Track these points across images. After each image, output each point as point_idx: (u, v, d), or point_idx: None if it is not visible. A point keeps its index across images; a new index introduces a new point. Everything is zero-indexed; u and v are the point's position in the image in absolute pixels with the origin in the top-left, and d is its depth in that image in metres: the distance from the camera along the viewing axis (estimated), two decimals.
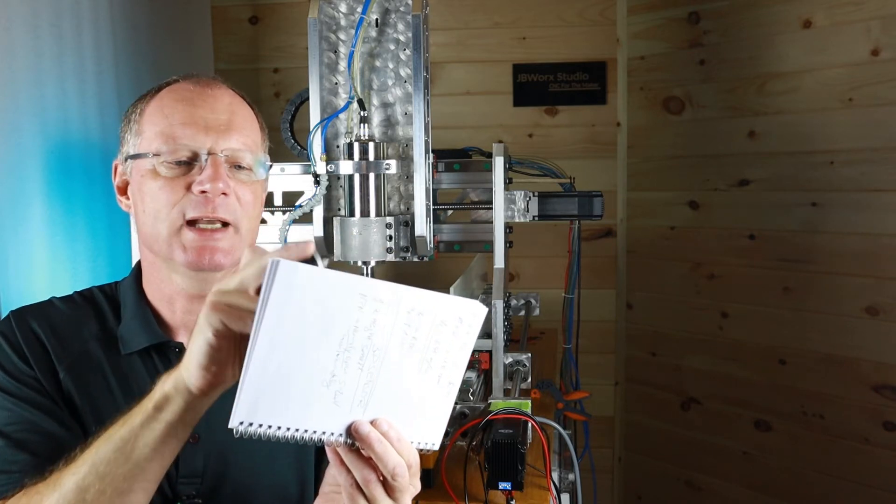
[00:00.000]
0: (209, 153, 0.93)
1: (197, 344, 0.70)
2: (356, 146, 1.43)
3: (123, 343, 0.98)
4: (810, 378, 2.25)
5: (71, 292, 1.06)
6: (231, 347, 0.70)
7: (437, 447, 0.80)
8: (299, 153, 1.56)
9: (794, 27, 2.22)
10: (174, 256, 0.93)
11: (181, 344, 0.98)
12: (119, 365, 0.97)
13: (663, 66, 2.58)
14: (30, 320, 0.98)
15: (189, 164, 0.93)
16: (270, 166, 1.05)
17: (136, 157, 0.96)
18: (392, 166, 1.43)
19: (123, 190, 1.01)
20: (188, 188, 0.92)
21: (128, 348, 0.97)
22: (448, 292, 1.56)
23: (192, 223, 0.93)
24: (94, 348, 0.97)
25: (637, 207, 2.71)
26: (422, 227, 1.47)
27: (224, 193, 0.93)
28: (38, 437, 0.89)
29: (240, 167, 0.97)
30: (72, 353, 0.96)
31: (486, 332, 1.62)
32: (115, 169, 1.02)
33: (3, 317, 1.02)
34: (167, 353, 0.97)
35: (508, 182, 1.53)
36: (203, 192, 0.91)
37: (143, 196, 0.95)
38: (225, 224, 0.94)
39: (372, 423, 0.72)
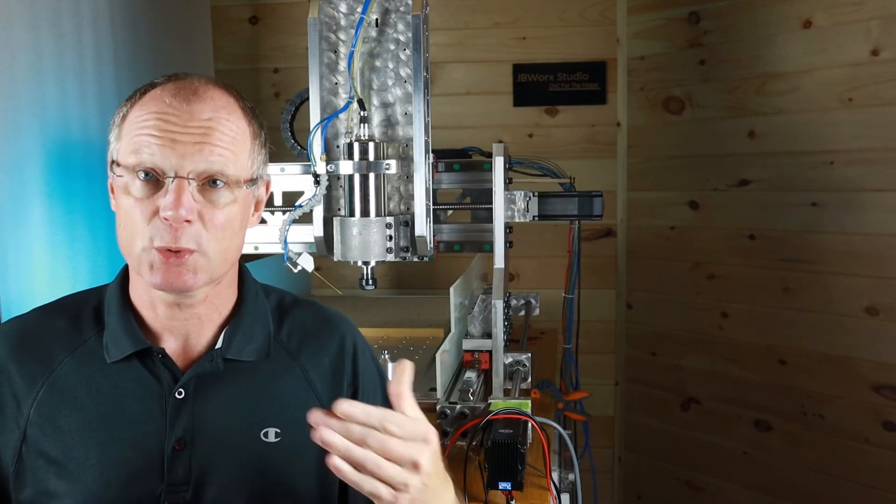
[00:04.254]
0: (175, 176, 0.88)
1: None
2: (356, 146, 1.43)
3: (108, 351, 0.95)
4: (810, 378, 2.25)
5: (55, 299, 1.04)
6: None
7: None
8: (299, 153, 1.56)
9: (794, 27, 2.22)
10: (143, 274, 0.90)
11: (163, 350, 0.95)
12: (96, 378, 0.95)
13: (663, 66, 2.58)
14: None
15: (158, 182, 0.89)
16: (258, 181, 0.98)
17: (114, 165, 0.94)
18: (392, 166, 1.43)
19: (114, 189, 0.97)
20: (157, 212, 0.88)
21: (112, 357, 0.95)
22: (448, 292, 1.56)
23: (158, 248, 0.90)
24: (68, 368, 0.95)
25: (637, 207, 2.70)
26: (422, 227, 1.47)
27: (188, 221, 0.88)
28: None
29: (214, 185, 0.91)
30: (42, 379, 0.94)
31: (486, 332, 1.62)
32: (109, 167, 0.98)
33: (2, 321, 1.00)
34: (150, 358, 0.95)
35: (508, 182, 1.53)
36: (167, 218, 0.88)
37: (119, 209, 0.93)
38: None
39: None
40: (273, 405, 0.99)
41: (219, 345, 0.98)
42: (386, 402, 1.09)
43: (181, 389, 0.95)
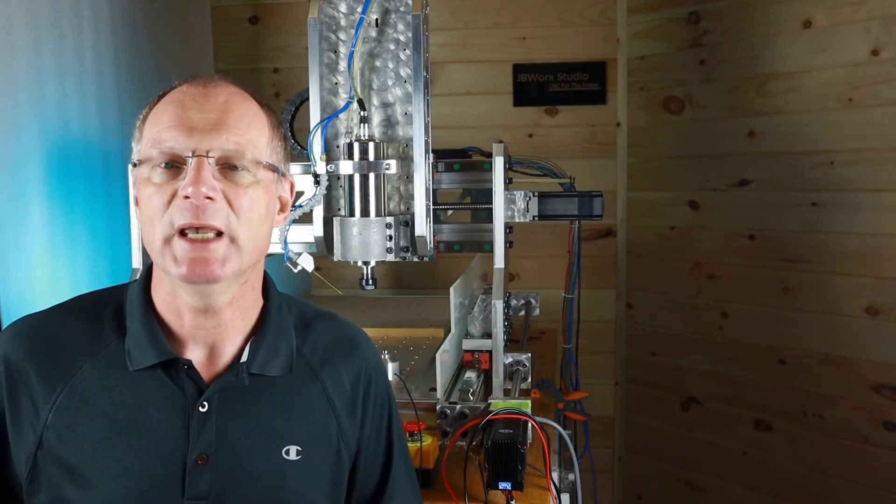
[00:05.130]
0: (194, 155, 0.86)
1: None
2: (356, 146, 1.43)
3: (131, 359, 0.92)
4: (810, 378, 2.25)
5: (73, 297, 1.01)
6: None
7: None
8: (299, 153, 1.56)
9: (794, 27, 2.22)
10: (168, 268, 0.88)
11: (189, 361, 0.93)
12: (117, 386, 0.92)
13: (663, 66, 2.58)
14: (15, 357, 0.93)
15: (179, 168, 0.87)
16: (279, 174, 0.98)
17: (135, 165, 0.92)
18: (392, 166, 1.44)
19: (138, 200, 0.95)
20: (176, 194, 0.87)
21: (136, 365, 0.92)
22: (448, 292, 1.56)
23: (183, 233, 0.87)
24: (88, 373, 0.93)
25: (637, 207, 2.71)
26: (422, 227, 1.47)
27: (210, 198, 0.86)
28: None
29: (234, 168, 0.89)
30: (62, 384, 0.92)
31: (486, 332, 1.62)
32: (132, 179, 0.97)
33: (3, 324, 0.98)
34: (175, 368, 0.93)
35: (508, 182, 1.53)
36: (187, 197, 0.85)
37: (141, 205, 0.91)
38: (219, 233, 0.88)
39: None
40: (295, 422, 0.97)
41: (244, 358, 0.96)
42: (388, 427, 1.09)
43: (205, 402, 0.92)
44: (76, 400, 0.91)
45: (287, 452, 0.96)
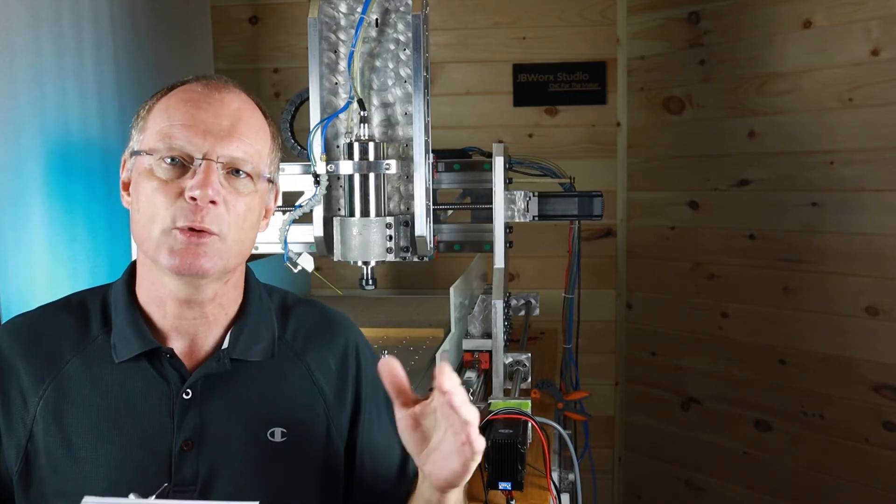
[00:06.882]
0: (204, 158, 0.90)
1: None
2: (356, 146, 1.43)
3: (116, 351, 0.95)
4: (810, 378, 2.25)
5: (60, 297, 1.04)
6: None
7: None
8: (299, 153, 1.56)
9: (794, 27, 2.22)
10: (160, 258, 0.91)
11: (171, 350, 0.96)
12: (104, 377, 0.95)
13: (663, 66, 2.58)
14: (5, 352, 0.96)
15: (185, 167, 0.91)
16: (272, 183, 1.01)
17: (137, 153, 0.94)
18: (392, 166, 1.44)
19: (127, 186, 0.98)
20: (181, 193, 0.90)
21: (120, 356, 0.95)
22: (448, 292, 1.56)
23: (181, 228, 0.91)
24: (75, 367, 0.95)
25: (637, 207, 2.71)
26: (422, 227, 1.47)
27: (213, 202, 0.90)
28: None
29: (237, 175, 0.93)
30: (49, 377, 0.94)
31: (486, 332, 1.62)
32: (124, 163, 0.99)
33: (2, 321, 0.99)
34: (159, 358, 0.95)
35: (508, 182, 1.53)
36: (193, 198, 0.89)
37: (138, 195, 0.93)
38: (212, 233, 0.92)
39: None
40: (279, 405, 0.99)
41: (225, 345, 0.98)
42: (387, 403, 1.10)
43: (188, 390, 0.95)
44: (63, 393, 0.94)
45: (272, 435, 0.98)
